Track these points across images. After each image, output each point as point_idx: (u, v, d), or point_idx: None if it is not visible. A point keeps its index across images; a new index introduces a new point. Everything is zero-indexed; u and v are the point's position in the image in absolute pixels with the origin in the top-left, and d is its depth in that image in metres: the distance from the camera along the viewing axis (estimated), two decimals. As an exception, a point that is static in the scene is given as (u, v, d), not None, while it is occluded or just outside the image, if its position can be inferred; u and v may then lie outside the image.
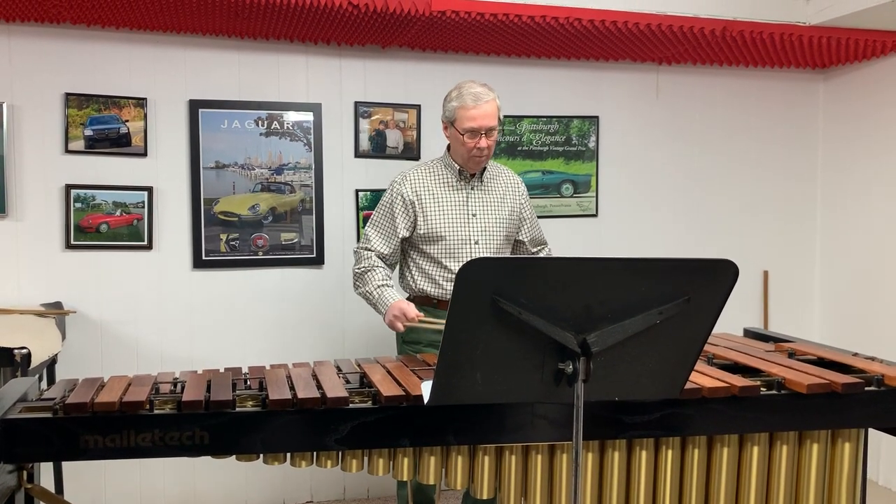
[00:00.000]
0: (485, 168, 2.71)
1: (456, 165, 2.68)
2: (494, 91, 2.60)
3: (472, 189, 2.70)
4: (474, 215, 2.68)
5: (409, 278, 2.73)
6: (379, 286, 2.59)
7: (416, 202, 2.66)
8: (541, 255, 2.91)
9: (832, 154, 4.08)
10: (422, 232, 2.65)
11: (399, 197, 2.68)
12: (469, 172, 2.68)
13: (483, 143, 2.56)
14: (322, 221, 3.50)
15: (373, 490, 3.60)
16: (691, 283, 1.49)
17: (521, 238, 2.83)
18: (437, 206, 2.66)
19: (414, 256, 2.72)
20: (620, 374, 1.57)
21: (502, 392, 1.57)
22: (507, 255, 2.76)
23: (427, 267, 2.68)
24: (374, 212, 2.75)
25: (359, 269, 2.68)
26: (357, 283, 2.68)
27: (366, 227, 2.74)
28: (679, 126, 3.97)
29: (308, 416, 1.86)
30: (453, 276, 2.62)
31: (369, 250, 2.68)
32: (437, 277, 2.67)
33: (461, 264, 2.73)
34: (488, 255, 2.65)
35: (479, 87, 2.56)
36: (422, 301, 2.69)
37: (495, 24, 3.20)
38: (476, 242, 2.66)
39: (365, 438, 1.88)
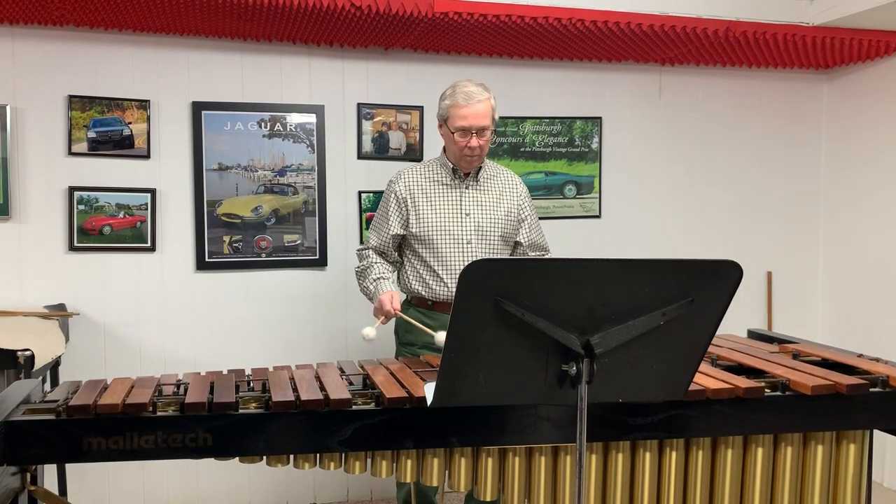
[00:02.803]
0: (480, 168, 2.70)
1: (450, 164, 2.67)
2: (491, 91, 2.59)
3: (466, 188, 2.68)
4: (467, 215, 2.66)
5: (404, 279, 2.74)
6: (375, 279, 2.63)
7: (409, 199, 2.66)
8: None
9: (835, 154, 4.07)
10: (414, 230, 2.65)
11: (392, 194, 2.69)
12: (463, 172, 2.68)
13: (474, 142, 2.54)
14: (325, 223, 3.50)
15: (376, 492, 3.60)
16: (695, 284, 1.48)
17: (519, 240, 2.79)
18: (430, 204, 2.65)
19: (409, 257, 2.72)
20: (624, 376, 1.56)
21: (506, 394, 1.56)
22: (506, 256, 2.75)
23: (420, 268, 2.68)
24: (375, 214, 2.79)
25: (359, 267, 2.74)
26: (359, 280, 2.74)
27: (369, 229, 2.77)
28: (682, 127, 3.96)
29: (311, 417, 1.86)
30: (443, 278, 2.63)
31: (368, 248, 2.74)
32: (428, 279, 2.66)
33: (453, 265, 2.74)
34: (482, 255, 2.64)
35: (474, 87, 2.55)
36: (417, 302, 2.70)
37: (498, 26, 3.20)
38: (469, 242, 2.64)
39: (368, 440, 1.87)
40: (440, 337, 2.39)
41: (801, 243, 4.14)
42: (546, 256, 2.91)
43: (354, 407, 1.89)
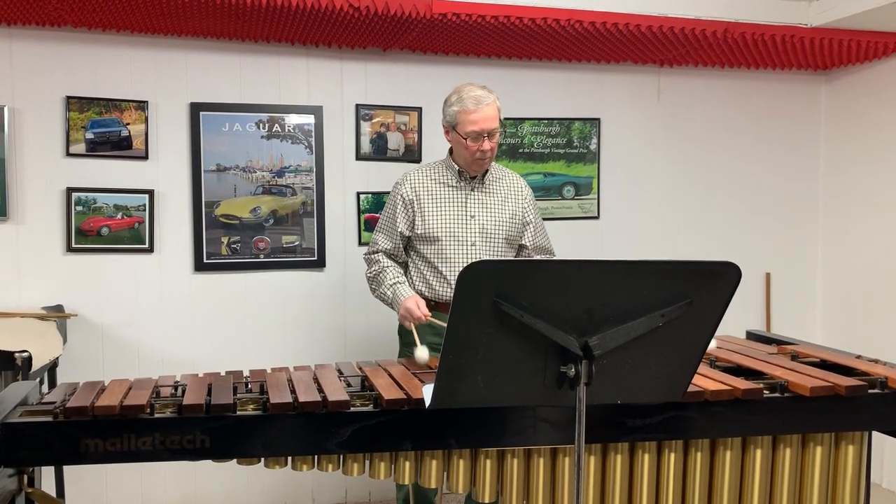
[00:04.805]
0: (487, 170, 2.70)
1: (456, 167, 2.68)
2: (494, 92, 2.60)
3: (472, 190, 2.69)
4: (473, 217, 2.67)
5: (408, 281, 2.73)
6: (392, 284, 2.62)
7: (415, 201, 2.66)
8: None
9: (834, 156, 4.07)
10: (419, 231, 2.65)
11: (399, 196, 2.69)
12: (470, 174, 2.68)
13: (486, 145, 2.56)
14: (323, 224, 3.50)
15: (374, 494, 3.59)
16: (694, 285, 1.48)
17: (524, 242, 2.81)
18: (436, 205, 2.66)
19: (413, 258, 2.72)
20: (623, 377, 1.56)
21: (504, 395, 1.56)
22: (510, 258, 2.75)
23: (424, 269, 2.69)
24: (379, 217, 2.78)
25: (371, 272, 2.72)
26: (372, 286, 2.72)
27: (373, 233, 2.77)
28: (681, 128, 3.96)
29: (309, 419, 1.85)
30: (448, 279, 2.63)
31: (377, 252, 2.72)
32: (432, 280, 2.67)
33: (457, 266, 2.74)
34: (486, 257, 2.64)
35: (479, 90, 2.56)
36: None
37: (496, 27, 3.20)
38: (473, 244, 2.65)
39: (366, 442, 1.87)
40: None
41: (800, 244, 4.14)
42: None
43: (353, 409, 1.88)
